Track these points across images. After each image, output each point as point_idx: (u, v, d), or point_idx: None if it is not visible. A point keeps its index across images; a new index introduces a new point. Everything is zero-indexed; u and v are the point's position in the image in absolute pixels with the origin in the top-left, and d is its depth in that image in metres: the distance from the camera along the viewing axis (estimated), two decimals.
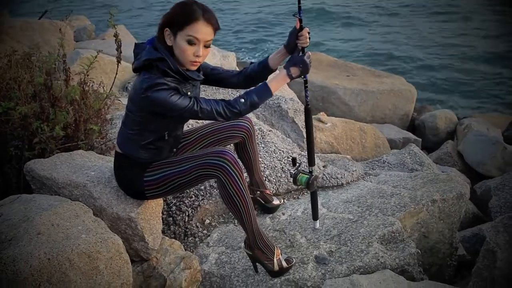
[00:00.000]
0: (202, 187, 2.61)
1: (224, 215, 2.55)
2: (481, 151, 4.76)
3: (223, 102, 1.89)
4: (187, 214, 2.48)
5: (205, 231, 2.44)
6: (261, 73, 2.08)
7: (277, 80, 1.96)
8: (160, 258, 2.06)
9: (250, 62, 2.16)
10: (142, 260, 2.06)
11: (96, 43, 5.59)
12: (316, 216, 2.31)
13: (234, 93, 3.93)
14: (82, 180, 2.05)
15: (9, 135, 2.35)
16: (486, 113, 7.28)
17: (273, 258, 2.03)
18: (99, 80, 2.92)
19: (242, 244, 2.13)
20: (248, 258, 2.11)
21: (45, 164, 2.15)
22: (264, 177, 2.65)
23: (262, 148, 2.95)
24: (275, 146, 2.98)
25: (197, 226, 2.46)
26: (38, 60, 2.99)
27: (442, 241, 2.49)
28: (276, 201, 2.54)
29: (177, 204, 2.53)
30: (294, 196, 2.70)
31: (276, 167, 2.78)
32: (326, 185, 2.77)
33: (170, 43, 1.81)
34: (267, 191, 2.48)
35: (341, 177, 2.80)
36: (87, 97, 2.64)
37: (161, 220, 2.16)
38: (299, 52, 1.98)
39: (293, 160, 2.26)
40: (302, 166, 2.60)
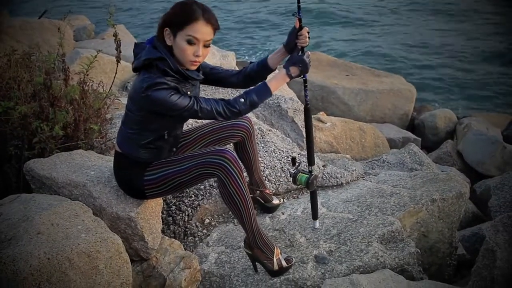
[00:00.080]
0: (202, 187, 2.61)
1: (224, 215, 2.55)
2: (481, 151, 4.76)
3: (223, 102, 1.89)
4: (187, 214, 2.48)
5: (205, 231, 2.44)
6: (261, 73, 2.08)
7: (277, 80, 1.96)
8: (160, 258, 2.06)
9: (250, 62, 2.16)
10: (142, 260, 2.06)
11: (96, 43, 5.58)
12: (316, 216, 2.32)
13: (234, 93, 3.93)
14: (82, 180, 2.05)
15: (9, 135, 2.35)
16: (486, 113, 7.27)
17: (273, 258, 2.03)
18: (99, 80, 2.92)
19: (242, 244, 2.13)
20: (248, 258, 2.11)
21: (45, 164, 2.15)
22: (264, 177, 2.65)
23: (262, 148, 2.95)
24: (275, 146, 2.98)
25: (197, 226, 2.46)
26: (38, 60, 3.00)
27: (442, 241, 2.49)
28: (276, 201, 2.54)
29: (177, 204, 2.53)
30: (294, 196, 2.70)
31: (276, 167, 2.78)
32: (326, 185, 2.78)
33: (170, 43, 1.81)
34: (267, 191, 2.48)
35: (341, 177, 2.80)
36: (87, 97, 2.64)
37: (161, 220, 2.16)
38: (299, 52, 1.98)
39: (293, 160, 2.26)
40: (302, 166, 2.60)
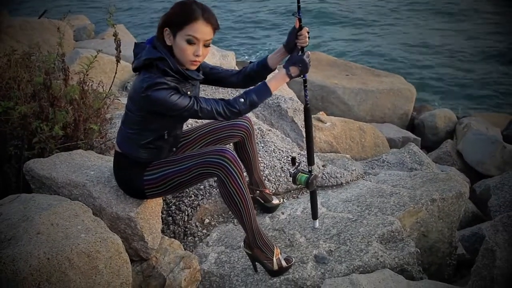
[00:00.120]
0: (202, 187, 2.61)
1: (224, 215, 2.55)
2: (481, 150, 4.77)
3: (223, 102, 1.89)
4: (187, 214, 2.48)
5: (205, 231, 2.44)
6: (260, 73, 2.08)
7: (276, 80, 1.96)
8: (160, 258, 2.06)
9: (249, 62, 2.16)
10: (142, 260, 2.05)
11: (96, 43, 5.58)
12: (316, 216, 2.32)
13: (234, 93, 3.93)
14: (82, 180, 2.05)
15: (9, 135, 2.35)
16: (486, 112, 7.29)
17: (273, 258, 2.03)
18: (99, 80, 2.92)
19: (242, 244, 2.13)
20: (248, 258, 2.11)
21: (45, 164, 2.15)
22: (264, 177, 2.65)
23: (262, 148, 2.95)
24: (275, 146, 2.98)
25: (197, 226, 2.46)
26: (38, 60, 2.99)
27: (442, 240, 2.49)
28: (276, 201, 2.54)
29: (177, 204, 2.53)
30: (294, 196, 2.70)
31: (276, 167, 2.78)
32: (326, 185, 2.78)
33: (170, 43, 1.81)
34: (267, 191, 2.48)
35: (341, 177, 2.80)
36: (87, 97, 2.64)
37: (161, 220, 2.16)
38: (299, 52, 1.98)
39: (293, 160, 2.26)
40: (302, 166, 2.60)
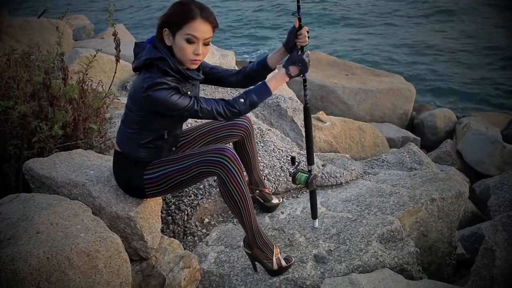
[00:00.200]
0: (201, 186, 2.61)
1: (223, 214, 2.55)
2: (480, 150, 4.77)
3: (223, 102, 1.89)
4: (186, 213, 2.48)
5: (204, 230, 2.44)
6: (260, 72, 2.08)
7: (276, 79, 1.96)
8: (159, 257, 2.06)
9: (249, 61, 2.16)
10: (141, 259, 2.05)
11: (95, 42, 5.59)
12: (315, 215, 2.32)
13: (233, 92, 3.93)
14: (81, 179, 2.05)
15: (8, 134, 2.35)
16: (485, 112, 7.28)
17: (272, 257, 2.03)
18: (98, 79, 2.92)
19: (241, 243, 2.13)
20: (247, 257, 2.11)
21: (44, 163, 2.14)
22: (263, 176, 2.65)
23: (261, 147, 2.95)
24: (274, 145, 2.98)
25: (196, 225, 2.46)
26: (37, 59, 2.99)
27: (441, 240, 2.49)
28: (275, 200, 2.54)
29: (176, 203, 2.53)
30: (293, 195, 2.70)
31: (275, 166, 2.78)
32: (325, 184, 2.78)
33: (169, 43, 1.81)
34: (266, 190, 2.48)
35: (340, 176, 2.80)
36: (86, 96, 2.64)
37: (160, 219, 2.16)
38: (298, 51, 1.98)
39: (292, 159, 2.26)
40: (301, 165, 2.59)
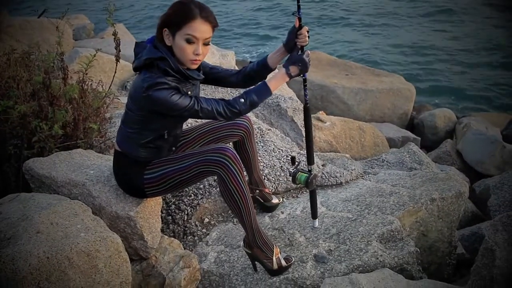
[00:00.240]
0: (201, 186, 2.61)
1: (223, 214, 2.55)
2: (480, 150, 4.77)
3: (223, 102, 1.89)
4: (186, 213, 2.48)
5: (204, 230, 2.44)
6: (260, 72, 2.07)
7: (276, 79, 1.96)
8: (159, 257, 2.06)
9: (249, 61, 2.16)
10: (141, 259, 2.05)
11: (95, 42, 5.59)
12: (315, 215, 2.31)
13: (233, 92, 3.93)
14: (81, 179, 2.05)
15: (8, 134, 2.35)
16: (485, 112, 7.28)
17: (272, 257, 2.03)
18: (98, 79, 2.92)
19: (241, 243, 2.13)
20: (247, 257, 2.11)
21: (44, 163, 2.14)
22: (263, 176, 2.65)
23: (261, 147, 2.95)
24: (274, 145, 2.98)
25: (196, 225, 2.46)
26: (37, 59, 2.99)
27: (441, 240, 2.49)
28: (275, 200, 2.54)
29: (176, 203, 2.53)
30: (293, 195, 2.70)
31: (275, 166, 2.78)
32: (325, 184, 2.78)
33: (169, 43, 1.81)
34: (266, 190, 2.48)
35: (340, 176, 2.80)
36: (86, 96, 2.64)
37: (160, 219, 2.16)
38: (298, 51, 1.98)
39: (292, 159, 2.26)
40: (301, 165, 2.60)
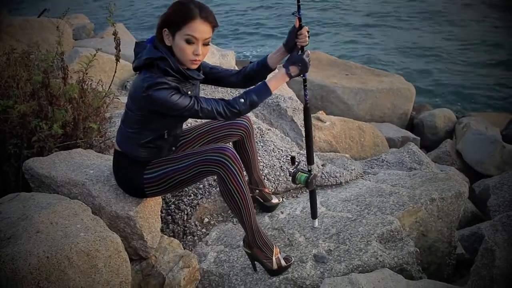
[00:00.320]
0: (201, 186, 2.61)
1: (223, 214, 2.55)
2: (480, 150, 4.77)
3: (223, 102, 1.89)
4: (186, 213, 2.48)
5: (204, 230, 2.44)
6: (260, 72, 2.07)
7: (276, 79, 1.96)
8: (159, 257, 2.06)
9: (250, 61, 2.16)
10: (141, 259, 2.05)
11: (95, 42, 5.58)
12: (315, 215, 2.32)
13: (233, 92, 3.93)
14: (81, 179, 2.05)
15: (8, 133, 2.35)
16: (485, 112, 7.28)
17: (272, 257, 2.03)
18: (98, 79, 2.91)
19: (241, 243, 2.13)
20: (247, 257, 2.11)
21: (44, 163, 2.14)
22: (263, 176, 2.65)
23: (261, 147, 2.95)
24: (274, 145, 2.98)
25: (196, 225, 2.46)
26: (37, 59, 2.99)
27: (441, 240, 2.49)
28: (275, 200, 2.54)
29: (176, 203, 2.53)
30: (293, 195, 2.70)
31: (275, 166, 2.78)
32: (325, 184, 2.78)
33: (169, 43, 1.81)
34: (266, 190, 2.48)
35: (340, 176, 2.80)
36: (86, 96, 2.64)
37: (160, 219, 2.16)
38: (298, 51, 1.98)
39: (292, 159, 2.26)
40: (301, 165, 2.59)
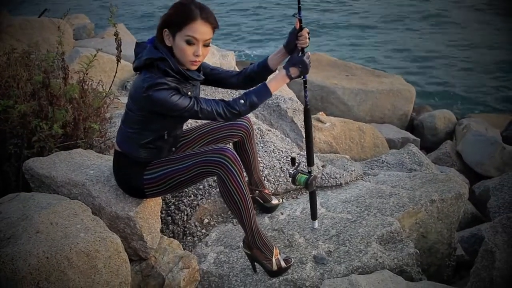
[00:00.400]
0: (201, 186, 2.61)
1: (223, 215, 2.55)
2: (480, 151, 4.77)
3: (223, 103, 1.89)
4: (186, 214, 2.48)
5: (204, 231, 2.44)
6: (261, 74, 2.07)
7: (277, 81, 1.96)
8: (159, 257, 2.06)
9: (250, 63, 2.16)
10: (141, 259, 2.05)
11: (96, 42, 5.58)
12: (315, 216, 2.31)
13: (233, 93, 3.93)
14: (81, 179, 2.05)
15: (8, 133, 2.35)
16: (485, 113, 7.28)
17: (272, 258, 2.03)
18: (99, 79, 2.92)
19: (241, 244, 2.13)
20: (247, 258, 2.10)
21: (44, 163, 2.14)
22: (263, 177, 2.65)
23: (261, 148, 2.95)
24: (274, 146, 2.98)
25: (196, 226, 2.46)
26: (37, 59, 3.00)
27: (441, 241, 2.49)
28: (275, 201, 2.54)
29: (176, 203, 2.53)
30: (293, 196, 2.70)
31: (275, 167, 2.78)
32: (325, 185, 2.78)
33: (169, 44, 1.81)
34: (266, 191, 2.48)
35: (340, 177, 2.80)
36: (86, 96, 2.64)
37: (160, 219, 2.16)
38: (299, 52, 1.98)
39: (292, 160, 2.26)
40: (301, 166, 2.59)
